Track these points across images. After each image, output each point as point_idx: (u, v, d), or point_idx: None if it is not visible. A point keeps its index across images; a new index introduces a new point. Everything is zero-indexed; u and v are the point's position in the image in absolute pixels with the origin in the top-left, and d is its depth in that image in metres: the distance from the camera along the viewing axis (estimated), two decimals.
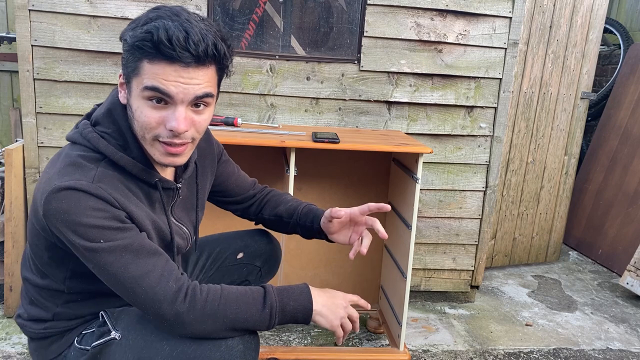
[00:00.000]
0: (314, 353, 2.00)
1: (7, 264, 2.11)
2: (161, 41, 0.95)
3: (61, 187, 0.98)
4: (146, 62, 0.98)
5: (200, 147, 1.33)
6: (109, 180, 1.04)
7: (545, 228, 3.23)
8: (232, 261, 1.52)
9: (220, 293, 1.07)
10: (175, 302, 1.02)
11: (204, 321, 1.03)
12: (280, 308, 1.10)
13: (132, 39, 0.98)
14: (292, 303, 1.12)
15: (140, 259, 1.02)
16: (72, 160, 1.04)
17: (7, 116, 3.50)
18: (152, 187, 1.14)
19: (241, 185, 1.49)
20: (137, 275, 1.01)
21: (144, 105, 1.02)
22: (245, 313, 1.07)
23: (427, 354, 2.15)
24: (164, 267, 1.05)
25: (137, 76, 1.00)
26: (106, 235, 1.00)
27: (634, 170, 3.27)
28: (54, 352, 1.20)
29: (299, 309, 1.12)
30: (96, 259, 1.01)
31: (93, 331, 1.17)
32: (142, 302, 1.02)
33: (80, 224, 0.98)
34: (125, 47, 1.02)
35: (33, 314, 1.20)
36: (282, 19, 2.27)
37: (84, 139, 1.08)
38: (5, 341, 2.01)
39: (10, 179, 2.07)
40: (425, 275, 2.56)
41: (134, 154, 1.09)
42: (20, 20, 2.04)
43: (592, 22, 2.96)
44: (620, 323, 2.56)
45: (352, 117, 2.32)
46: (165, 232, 1.18)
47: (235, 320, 1.06)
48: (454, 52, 2.31)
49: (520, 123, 2.92)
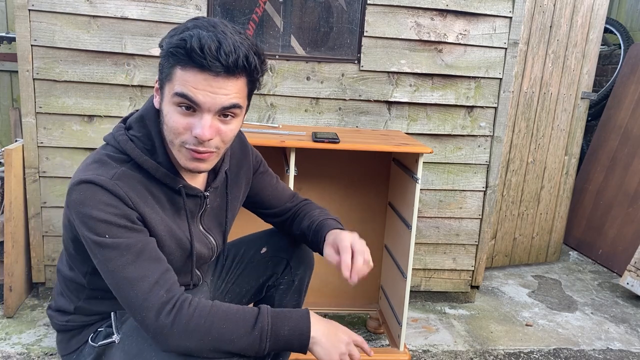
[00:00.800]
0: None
1: (7, 264, 2.11)
2: (193, 49, 0.98)
3: (82, 179, 1.03)
4: (179, 68, 1.01)
5: (236, 156, 1.35)
6: (128, 180, 1.07)
7: (545, 228, 3.23)
8: (257, 257, 1.50)
9: (209, 309, 1.03)
10: (161, 313, 1.00)
11: (186, 337, 1.00)
12: (272, 332, 1.05)
13: (167, 46, 1.02)
14: (287, 328, 1.06)
15: (140, 262, 1.03)
16: (98, 157, 1.10)
17: (6, 116, 3.50)
18: (176, 193, 1.16)
19: (278, 197, 1.47)
20: (133, 277, 1.02)
21: (174, 111, 1.04)
22: (232, 333, 1.02)
23: (427, 354, 2.15)
24: (162, 275, 1.04)
25: (169, 82, 1.04)
26: (112, 231, 1.02)
27: (634, 170, 3.27)
28: (73, 346, 1.25)
29: (294, 336, 1.06)
30: (99, 254, 1.03)
31: (103, 330, 1.20)
32: (131, 306, 1.02)
33: (91, 216, 1.02)
34: (162, 54, 1.05)
35: (60, 304, 1.25)
36: (282, 19, 2.27)
37: (114, 140, 1.12)
38: (5, 341, 2.00)
39: (10, 179, 2.07)
40: (425, 275, 2.56)
41: (159, 159, 1.12)
42: (20, 20, 2.04)
43: (592, 22, 2.96)
44: (621, 323, 2.55)
45: (352, 117, 2.32)
46: (184, 240, 1.18)
47: (219, 339, 1.02)
48: (454, 52, 2.31)
49: (521, 123, 2.92)
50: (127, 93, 2.17)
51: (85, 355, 1.21)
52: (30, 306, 2.27)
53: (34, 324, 2.13)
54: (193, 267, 1.22)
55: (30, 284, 2.32)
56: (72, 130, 2.17)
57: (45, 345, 1.99)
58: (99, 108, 2.16)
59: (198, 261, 1.25)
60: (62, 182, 2.20)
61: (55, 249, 2.26)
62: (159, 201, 1.13)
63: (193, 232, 1.20)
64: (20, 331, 2.08)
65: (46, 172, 2.19)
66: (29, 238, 2.24)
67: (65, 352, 1.26)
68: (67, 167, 2.19)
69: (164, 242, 1.13)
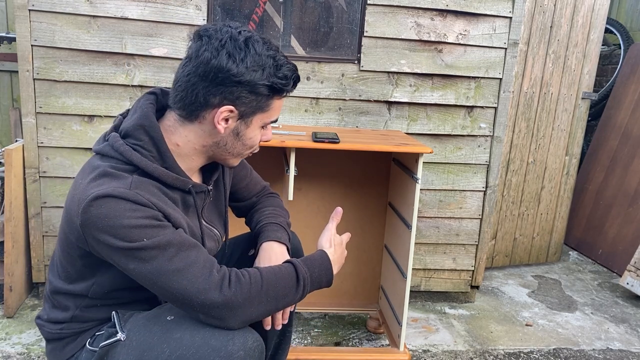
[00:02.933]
0: (314, 353, 1.99)
1: (7, 264, 2.11)
2: (295, 83, 1.15)
3: (99, 194, 1.02)
4: (276, 99, 1.16)
5: None
6: (145, 187, 1.08)
7: (546, 228, 3.22)
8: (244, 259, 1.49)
9: (261, 275, 1.11)
10: (222, 288, 1.05)
11: (251, 304, 1.08)
12: (311, 279, 1.19)
13: (269, 81, 1.11)
14: (317, 271, 1.21)
15: (183, 252, 1.06)
16: (104, 171, 1.07)
17: (7, 116, 3.50)
18: (186, 193, 1.19)
19: (250, 190, 1.52)
20: (182, 266, 1.04)
21: (259, 133, 1.20)
22: (284, 289, 1.13)
23: (427, 354, 2.15)
24: (205, 258, 1.09)
25: (265, 112, 1.16)
26: (148, 233, 1.03)
27: (634, 170, 3.27)
28: (67, 354, 1.22)
29: (323, 275, 1.22)
30: (140, 256, 1.03)
31: (103, 332, 1.18)
32: (188, 294, 1.04)
33: (122, 226, 1.02)
34: (261, 90, 1.12)
35: (52, 316, 1.23)
36: (282, 19, 2.27)
37: (115, 151, 1.11)
38: (5, 341, 2.01)
39: (10, 179, 2.07)
40: (425, 275, 2.56)
41: (167, 164, 1.13)
42: (20, 20, 2.04)
43: (593, 22, 2.96)
44: (621, 323, 2.55)
45: (352, 117, 2.32)
46: (198, 237, 1.21)
47: (277, 297, 1.12)
48: (454, 52, 2.31)
49: (521, 123, 2.92)
50: (127, 93, 2.17)
51: None
52: (30, 306, 2.27)
53: (34, 324, 2.13)
54: None
55: (30, 284, 2.32)
56: (72, 130, 2.17)
57: (45, 345, 1.99)
58: (99, 108, 2.17)
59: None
60: (62, 182, 2.20)
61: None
62: (174, 202, 1.16)
63: (203, 228, 1.24)
64: (20, 331, 2.08)
65: (46, 172, 2.19)
66: (29, 238, 2.24)
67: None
68: (67, 167, 2.19)
69: None
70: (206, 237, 1.25)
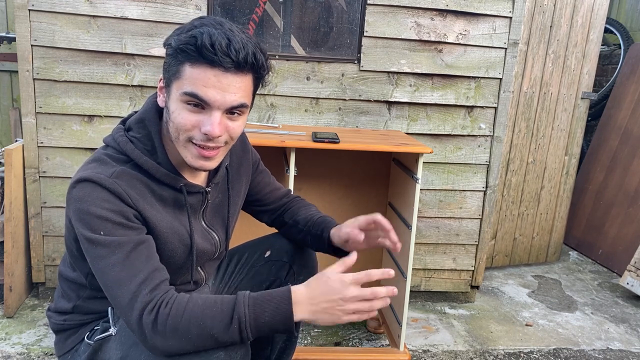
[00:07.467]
0: (314, 353, 1.99)
1: (7, 264, 2.11)
2: (204, 45, 0.99)
3: (81, 177, 1.05)
4: (188, 65, 1.03)
5: (237, 153, 1.37)
6: (128, 179, 1.08)
7: (545, 228, 3.22)
8: (260, 261, 1.50)
9: (185, 307, 0.99)
10: (142, 314, 0.99)
11: (167, 338, 0.98)
12: (252, 321, 1.00)
13: (176, 43, 1.03)
14: (267, 314, 1.00)
15: (130, 261, 1.03)
16: (98, 157, 1.12)
17: (7, 116, 3.50)
18: (178, 192, 1.18)
19: (275, 194, 1.52)
20: (121, 277, 1.02)
21: (182, 108, 1.06)
22: (211, 329, 0.98)
23: (427, 354, 2.15)
24: (149, 274, 1.03)
25: (178, 80, 1.05)
26: (107, 228, 1.03)
27: (634, 170, 3.27)
28: (69, 346, 1.26)
29: (277, 321, 1.01)
30: (91, 250, 1.04)
31: (100, 327, 1.22)
32: (118, 306, 1.03)
33: (88, 212, 1.03)
34: (169, 51, 1.06)
35: (59, 305, 1.27)
36: (282, 19, 2.27)
37: (114, 141, 1.14)
38: (5, 341, 2.00)
39: (10, 179, 2.07)
40: (425, 275, 2.56)
41: (159, 159, 1.13)
42: (20, 20, 2.04)
43: (592, 22, 2.96)
44: (621, 323, 2.55)
45: (352, 117, 2.32)
46: (186, 236, 1.19)
47: (200, 336, 0.98)
48: (454, 52, 2.31)
49: (521, 123, 2.92)
50: (127, 93, 2.17)
51: (80, 354, 1.22)
52: (30, 306, 2.27)
53: (34, 324, 2.13)
54: (193, 262, 1.22)
55: (30, 284, 2.32)
56: (72, 130, 2.17)
57: (45, 345, 1.99)
58: (99, 108, 2.16)
59: (201, 257, 1.26)
60: (62, 182, 2.20)
61: (55, 249, 2.26)
62: (160, 199, 1.14)
63: (194, 227, 1.22)
64: (20, 331, 2.08)
65: (46, 172, 2.19)
66: (29, 238, 2.24)
67: (61, 352, 1.27)
68: (67, 167, 2.19)
69: (166, 238, 1.14)
70: (199, 237, 1.23)
